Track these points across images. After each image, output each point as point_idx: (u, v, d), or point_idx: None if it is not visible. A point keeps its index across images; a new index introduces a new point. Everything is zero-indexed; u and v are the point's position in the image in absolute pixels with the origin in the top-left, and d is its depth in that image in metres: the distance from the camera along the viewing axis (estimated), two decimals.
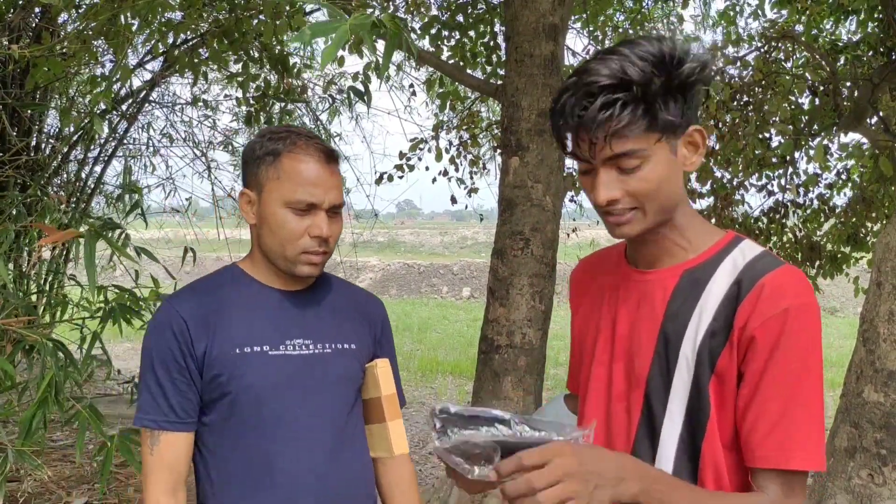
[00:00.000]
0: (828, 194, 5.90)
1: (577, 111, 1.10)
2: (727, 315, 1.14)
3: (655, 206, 1.15)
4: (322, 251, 1.44)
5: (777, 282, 1.11)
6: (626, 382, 1.23)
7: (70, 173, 5.76)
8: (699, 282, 1.18)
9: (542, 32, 3.63)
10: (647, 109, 1.10)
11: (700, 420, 1.15)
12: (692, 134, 1.18)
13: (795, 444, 1.09)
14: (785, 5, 5.50)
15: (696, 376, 1.15)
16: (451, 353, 10.49)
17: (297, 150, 1.42)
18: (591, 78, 1.10)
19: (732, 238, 1.23)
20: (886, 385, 2.74)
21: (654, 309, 1.22)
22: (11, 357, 2.39)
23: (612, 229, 1.19)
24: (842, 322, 14.00)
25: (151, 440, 1.42)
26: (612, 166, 1.13)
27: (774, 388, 1.10)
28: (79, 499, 4.16)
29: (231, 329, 1.43)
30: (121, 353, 9.35)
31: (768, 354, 1.10)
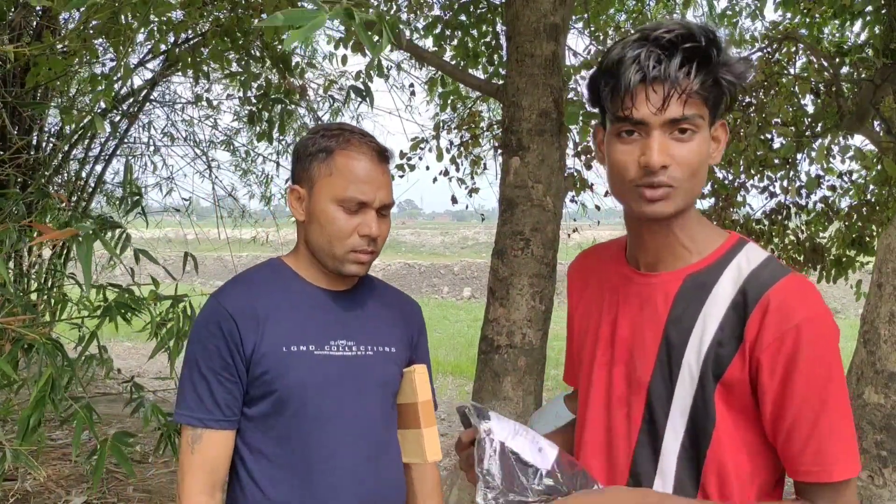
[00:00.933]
0: (831, 197, 5.88)
1: (653, 63, 1.07)
2: (734, 325, 1.12)
3: (690, 185, 1.13)
4: (370, 250, 1.44)
5: (784, 294, 1.10)
6: (627, 387, 1.22)
7: (71, 172, 5.76)
8: (703, 287, 1.17)
9: (543, 32, 3.62)
10: (717, 80, 1.09)
11: (705, 428, 1.14)
12: (718, 128, 1.17)
13: (832, 456, 1.09)
14: (789, 7, 5.49)
15: (700, 385, 1.14)
16: (451, 354, 10.49)
17: (350, 147, 1.42)
18: (664, 31, 1.08)
19: (736, 241, 1.21)
20: (887, 387, 2.74)
21: (656, 313, 1.20)
22: (10, 356, 2.39)
23: (645, 207, 1.13)
24: (843, 323, 13.97)
25: (193, 438, 1.39)
26: (669, 130, 1.10)
27: (804, 404, 1.09)
28: (77, 498, 4.16)
29: (279, 327, 1.42)
30: (121, 353, 9.36)
31: (788, 370, 1.09)
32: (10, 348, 2.40)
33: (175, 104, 6.74)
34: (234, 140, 7.08)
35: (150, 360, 3.34)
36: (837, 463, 1.09)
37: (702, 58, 1.07)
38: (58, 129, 5.62)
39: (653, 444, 1.18)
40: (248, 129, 6.59)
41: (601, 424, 1.25)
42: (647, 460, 1.18)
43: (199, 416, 1.39)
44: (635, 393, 1.20)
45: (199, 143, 6.90)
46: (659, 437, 1.17)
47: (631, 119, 1.10)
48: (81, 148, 5.70)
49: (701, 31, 1.08)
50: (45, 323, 3.33)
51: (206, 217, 8.38)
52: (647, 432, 1.18)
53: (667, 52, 1.07)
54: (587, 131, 4.42)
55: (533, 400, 3.83)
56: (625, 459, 1.21)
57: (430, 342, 6.81)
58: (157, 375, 6.62)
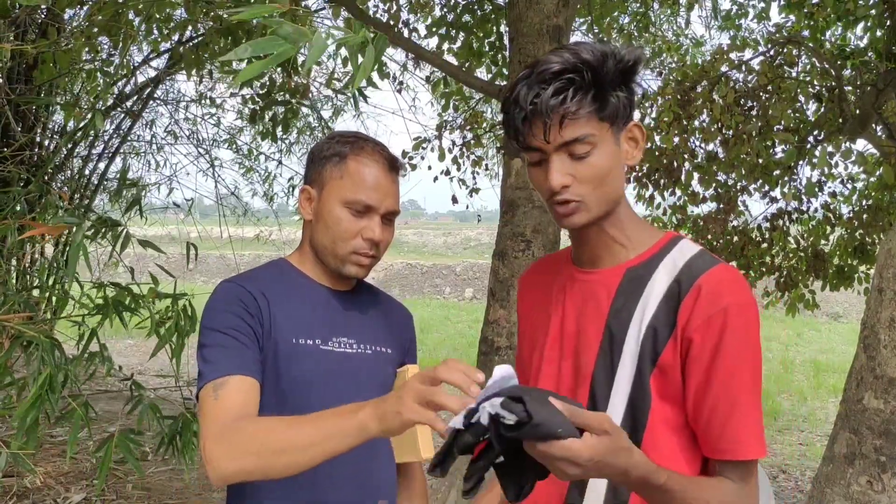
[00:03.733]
0: (833, 203, 5.86)
1: (532, 98, 1.16)
2: (668, 312, 1.20)
3: (598, 195, 1.21)
4: (371, 254, 1.47)
5: (714, 281, 1.18)
6: (574, 379, 1.29)
7: (74, 170, 5.77)
8: (641, 280, 1.24)
9: (546, 34, 3.62)
10: (597, 95, 1.17)
11: (642, 413, 1.21)
12: (632, 129, 1.25)
13: (747, 437, 1.18)
14: (793, 10, 5.48)
15: (638, 370, 1.21)
16: (452, 354, 10.49)
17: (363, 153, 1.47)
18: (544, 67, 1.17)
19: (672, 238, 1.29)
20: (887, 392, 2.73)
21: (599, 307, 1.27)
22: (9, 353, 2.39)
23: (560, 219, 1.24)
24: (844, 328, 13.97)
25: (216, 386, 1.30)
26: (564, 153, 1.19)
27: (723, 385, 1.17)
28: (77, 494, 4.16)
29: (288, 317, 1.46)
30: (122, 350, 9.37)
31: (712, 352, 1.17)
32: (9, 345, 2.41)
33: (179, 102, 6.75)
34: (237, 138, 7.10)
35: (151, 358, 3.34)
36: (747, 443, 1.17)
37: (576, 84, 1.16)
38: (61, 126, 5.63)
39: None
40: (251, 127, 6.60)
41: None
42: None
43: (224, 368, 1.33)
44: (581, 384, 1.27)
45: (201, 141, 6.91)
46: None
47: (529, 149, 1.21)
48: (85, 146, 5.71)
49: (573, 60, 1.16)
50: (46, 320, 3.33)
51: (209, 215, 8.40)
52: None
53: (543, 86, 1.16)
54: None
55: None
56: None
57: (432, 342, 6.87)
58: (159, 373, 6.63)
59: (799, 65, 5.54)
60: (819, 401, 8.54)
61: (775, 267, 5.70)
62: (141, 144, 6.66)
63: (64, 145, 5.27)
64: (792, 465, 6.21)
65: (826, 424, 7.23)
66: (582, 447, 0.98)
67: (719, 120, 5.06)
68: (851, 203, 5.97)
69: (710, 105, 5.07)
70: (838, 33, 5.93)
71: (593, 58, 1.16)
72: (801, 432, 7.31)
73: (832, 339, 12.91)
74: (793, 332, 13.32)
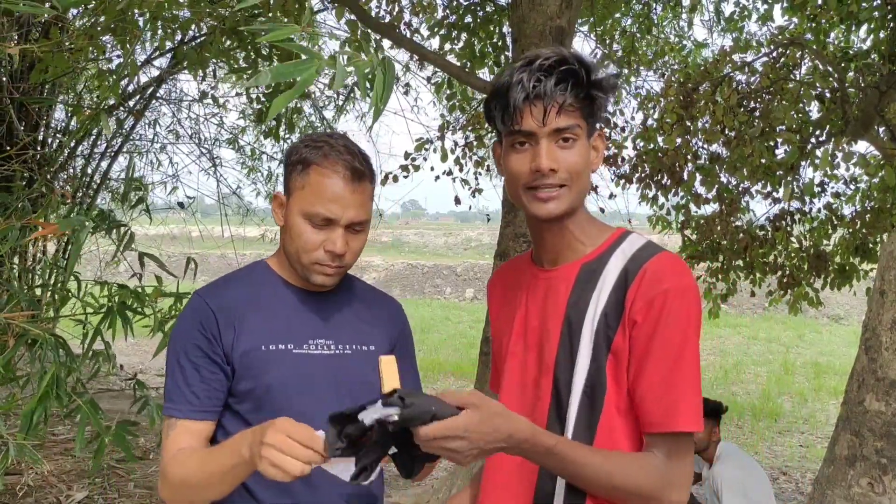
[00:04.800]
0: (835, 204, 5.86)
1: (534, 82, 1.25)
2: (617, 299, 1.28)
3: (578, 186, 1.31)
4: (335, 265, 1.46)
5: (657, 266, 1.27)
6: (537, 370, 1.35)
7: (76, 169, 5.78)
8: (594, 273, 1.33)
9: (549, 35, 3.63)
10: (588, 94, 1.28)
11: (598, 395, 1.27)
12: (597, 139, 1.36)
13: (679, 410, 1.23)
14: (795, 12, 5.48)
15: (594, 356, 1.28)
16: (453, 355, 10.50)
17: (325, 163, 1.43)
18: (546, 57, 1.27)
19: (622, 233, 1.38)
20: (888, 394, 2.74)
21: (558, 301, 1.34)
22: (13, 351, 2.40)
23: (539, 207, 1.30)
24: (846, 330, 13.95)
25: (169, 427, 1.44)
26: (553, 139, 1.28)
27: (659, 361, 1.24)
28: (79, 493, 4.17)
29: (257, 325, 1.46)
30: (124, 349, 9.37)
31: (651, 330, 1.24)
32: (13, 343, 2.41)
33: (181, 101, 6.76)
34: (239, 138, 7.10)
35: (153, 358, 3.35)
36: (681, 416, 1.23)
37: (575, 77, 1.26)
38: (64, 125, 5.63)
39: (560, 420, 1.30)
40: (255, 126, 6.60)
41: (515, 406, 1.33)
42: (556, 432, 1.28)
43: (179, 408, 1.43)
44: (544, 374, 1.34)
45: (204, 140, 6.92)
46: (564, 411, 1.30)
47: (521, 131, 1.28)
48: (87, 144, 5.71)
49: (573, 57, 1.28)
50: (49, 318, 3.34)
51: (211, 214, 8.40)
52: (555, 408, 1.31)
53: (545, 74, 1.25)
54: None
55: None
56: None
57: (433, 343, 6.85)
58: (160, 372, 6.64)
59: (802, 67, 5.55)
60: (820, 402, 8.54)
61: (778, 266, 5.70)
62: (143, 143, 6.67)
63: (68, 144, 5.28)
64: (792, 467, 6.21)
65: (827, 426, 7.23)
66: (457, 420, 1.09)
67: (722, 121, 5.06)
68: (854, 203, 5.97)
69: (713, 106, 5.07)
70: (841, 36, 5.93)
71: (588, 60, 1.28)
72: (801, 434, 7.31)
73: (833, 341, 12.90)
74: (794, 333, 13.33)
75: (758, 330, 13.54)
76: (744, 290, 6.09)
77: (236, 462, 1.27)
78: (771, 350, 11.84)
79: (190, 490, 1.38)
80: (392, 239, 27.70)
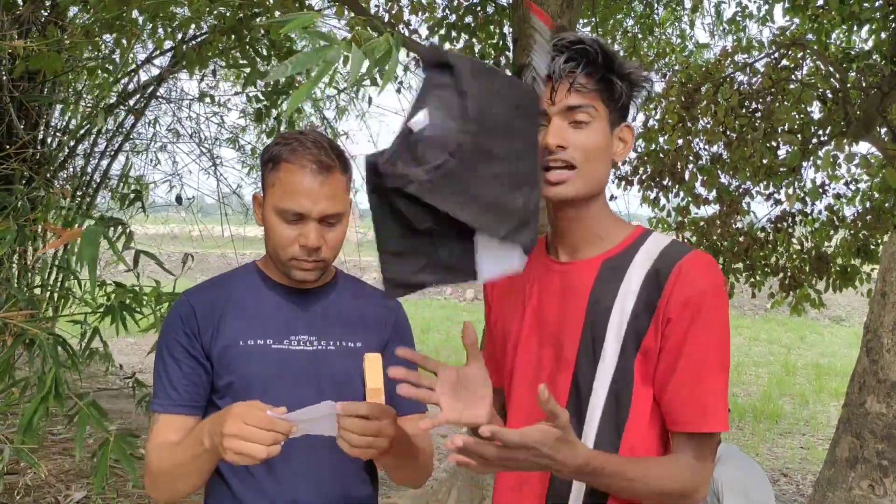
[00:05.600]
0: (837, 205, 5.85)
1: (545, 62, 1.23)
2: (649, 298, 1.25)
3: (590, 170, 1.27)
4: (312, 260, 1.45)
5: (691, 264, 1.24)
6: (554, 366, 1.32)
7: (76, 168, 5.77)
8: (618, 270, 1.29)
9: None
10: (605, 77, 1.25)
11: (625, 394, 1.26)
12: (623, 129, 1.32)
13: (709, 411, 1.22)
14: (797, 13, 5.47)
15: (621, 356, 1.26)
16: (453, 355, 10.48)
17: (293, 158, 1.43)
18: (560, 37, 1.25)
19: (644, 231, 1.35)
20: (889, 396, 2.73)
21: (577, 297, 1.31)
22: (11, 350, 2.39)
23: (548, 189, 1.27)
24: (847, 332, 13.93)
25: (154, 422, 1.48)
26: (564, 119, 1.25)
27: (692, 361, 1.22)
28: (77, 493, 4.16)
29: (237, 321, 1.48)
30: (123, 348, 9.36)
31: (686, 330, 1.22)
32: (11, 343, 2.40)
33: (182, 101, 6.74)
34: (240, 137, 7.09)
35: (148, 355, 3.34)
36: (712, 416, 1.22)
37: (587, 57, 1.24)
38: (64, 124, 5.63)
39: (578, 418, 1.27)
40: (255, 126, 6.59)
41: (527, 402, 1.33)
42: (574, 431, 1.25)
43: (162, 403, 1.47)
44: (562, 370, 1.31)
45: (204, 140, 6.91)
46: (583, 410, 1.28)
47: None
48: (87, 143, 5.70)
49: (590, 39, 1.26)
50: (48, 318, 3.33)
51: (211, 214, 8.40)
52: (573, 406, 1.28)
53: (558, 53, 1.24)
54: None
55: None
56: None
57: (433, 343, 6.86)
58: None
59: (803, 67, 5.54)
60: (821, 404, 8.53)
61: (779, 268, 5.69)
62: (143, 143, 6.66)
63: (68, 143, 5.27)
64: (793, 469, 6.19)
65: (828, 428, 7.21)
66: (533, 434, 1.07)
67: (723, 122, 5.05)
68: (855, 204, 5.96)
69: (715, 107, 5.06)
70: (843, 36, 5.92)
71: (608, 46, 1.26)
72: (802, 436, 7.29)
73: (834, 343, 12.88)
74: (795, 335, 13.31)
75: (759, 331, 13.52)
76: (744, 292, 6.08)
77: (199, 452, 1.31)
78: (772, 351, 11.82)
79: (166, 482, 1.42)
80: None
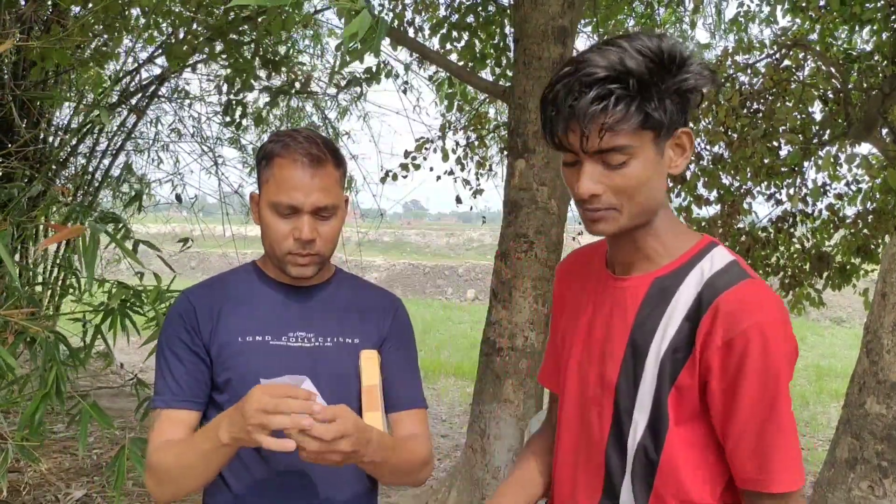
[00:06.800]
0: (837, 205, 5.86)
1: (570, 101, 1.08)
2: (688, 332, 1.14)
3: (634, 207, 1.15)
4: (306, 253, 1.45)
5: (733, 299, 1.11)
6: (599, 387, 1.25)
7: (78, 166, 5.77)
8: (667, 291, 1.19)
9: (551, 35, 3.62)
10: (641, 106, 1.08)
11: (660, 430, 1.17)
12: (680, 136, 1.17)
13: (774, 467, 1.11)
14: (798, 13, 5.47)
15: (657, 388, 1.17)
16: (454, 355, 10.48)
17: (285, 153, 1.44)
18: (588, 69, 1.09)
19: (706, 245, 1.22)
20: (889, 397, 2.73)
21: (625, 316, 1.22)
22: (13, 348, 2.39)
23: (588, 225, 1.18)
24: (848, 333, 13.92)
25: (155, 418, 1.46)
26: (598, 160, 1.12)
27: (749, 414, 1.11)
28: (78, 490, 4.17)
29: (236, 318, 1.49)
30: (124, 347, 9.35)
31: (734, 376, 1.10)
32: (12, 340, 2.41)
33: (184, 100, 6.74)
34: (241, 137, 7.09)
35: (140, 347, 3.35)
36: (779, 474, 1.11)
37: (622, 91, 1.07)
38: (66, 122, 5.63)
39: (620, 443, 1.21)
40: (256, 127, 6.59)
41: (575, 423, 1.29)
42: (616, 459, 1.22)
43: (163, 398, 1.46)
44: (606, 394, 1.23)
45: (205, 139, 6.91)
46: (624, 436, 1.20)
47: (562, 149, 1.15)
48: (90, 142, 5.70)
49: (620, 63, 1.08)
50: (49, 316, 3.33)
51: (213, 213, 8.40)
52: (616, 432, 1.22)
53: (585, 90, 1.08)
54: None
55: (533, 403, 3.83)
56: (599, 457, 1.24)
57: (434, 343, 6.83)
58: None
59: (805, 68, 5.53)
60: (821, 405, 8.52)
61: (780, 267, 5.70)
62: (145, 142, 6.67)
63: (69, 142, 5.27)
64: None
65: (828, 429, 7.21)
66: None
67: (724, 122, 5.05)
68: (856, 204, 5.96)
69: (716, 107, 5.06)
70: (844, 37, 5.91)
71: (641, 64, 1.08)
72: (802, 437, 7.28)
73: (834, 344, 12.87)
74: (796, 335, 13.28)
75: None
76: None
77: (212, 447, 1.29)
78: None
79: (172, 480, 1.39)
80: (394, 239, 27.69)
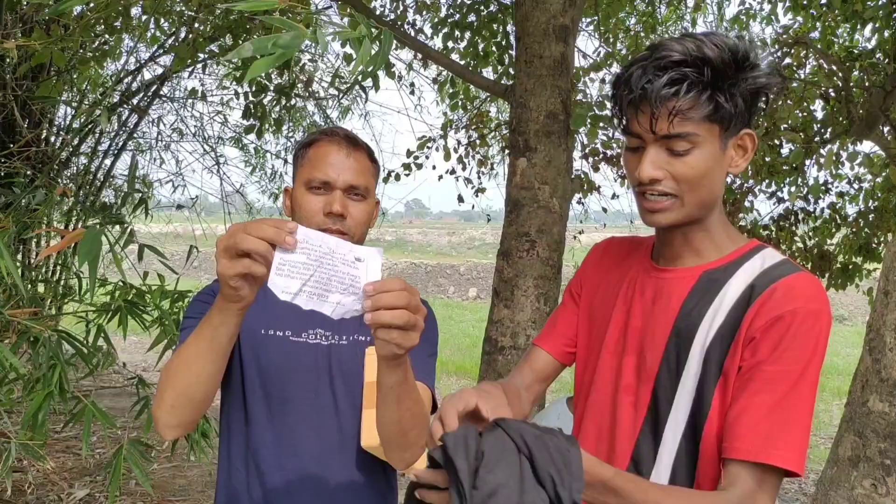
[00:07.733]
0: (839, 203, 5.85)
1: (643, 82, 1.10)
2: (737, 318, 1.14)
3: (694, 197, 1.15)
4: (337, 229, 1.45)
5: (789, 284, 1.12)
6: (636, 376, 1.24)
7: (80, 166, 5.78)
8: (716, 284, 1.19)
9: (553, 34, 3.61)
10: (713, 96, 1.10)
11: (701, 419, 1.15)
12: (744, 137, 1.18)
13: (779, 441, 1.07)
14: (799, 11, 5.46)
15: (702, 377, 1.16)
16: (455, 354, 10.48)
17: (321, 139, 1.51)
18: (664, 52, 1.10)
19: (756, 245, 1.24)
20: (892, 395, 2.72)
21: (669, 306, 1.22)
22: (15, 348, 2.40)
23: (645, 215, 1.18)
24: (850, 331, 13.92)
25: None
26: (662, 146, 1.13)
27: (769, 384, 1.09)
28: (81, 490, 4.17)
29: (262, 311, 1.49)
30: (126, 346, 9.37)
31: (770, 350, 1.09)
32: (15, 340, 2.41)
33: (186, 100, 6.75)
34: (243, 137, 7.10)
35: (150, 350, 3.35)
36: (780, 449, 1.07)
37: (694, 77, 1.09)
38: (67, 123, 5.63)
39: (654, 434, 1.20)
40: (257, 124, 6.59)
41: (606, 409, 1.28)
42: (647, 448, 1.21)
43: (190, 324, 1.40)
44: (643, 382, 1.22)
45: (207, 139, 6.92)
46: (660, 427, 1.19)
47: (630, 133, 1.17)
48: (91, 142, 5.71)
49: (697, 51, 1.09)
50: (51, 316, 3.33)
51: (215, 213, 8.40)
52: (651, 421, 1.21)
53: (660, 73, 1.09)
54: (595, 133, 4.42)
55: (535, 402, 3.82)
56: (627, 445, 1.23)
57: None
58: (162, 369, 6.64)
59: (806, 66, 5.52)
60: (823, 403, 8.51)
61: None
62: (147, 141, 6.67)
63: (71, 142, 5.28)
64: None
65: (830, 427, 7.20)
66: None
67: None
68: (858, 202, 5.96)
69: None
70: (846, 35, 5.91)
71: (717, 55, 1.09)
72: None
73: (837, 342, 12.86)
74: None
75: None
76: None
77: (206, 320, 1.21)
78: None
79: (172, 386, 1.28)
80: (395, 238, 27.70)
